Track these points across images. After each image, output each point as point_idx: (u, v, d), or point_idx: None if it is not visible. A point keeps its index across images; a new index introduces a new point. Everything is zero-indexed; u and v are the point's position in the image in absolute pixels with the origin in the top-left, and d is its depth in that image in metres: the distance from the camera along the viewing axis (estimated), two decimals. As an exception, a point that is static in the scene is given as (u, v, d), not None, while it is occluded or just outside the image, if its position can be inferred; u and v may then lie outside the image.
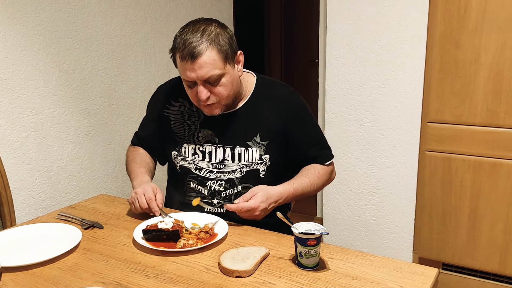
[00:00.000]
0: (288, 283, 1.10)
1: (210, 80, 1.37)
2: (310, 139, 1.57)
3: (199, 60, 1.33)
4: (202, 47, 1.33)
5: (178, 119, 1.57)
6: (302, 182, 1.50)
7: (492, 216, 2.30)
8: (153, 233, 1.29)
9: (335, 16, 2.50)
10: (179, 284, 1.10)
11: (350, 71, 2.52)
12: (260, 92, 1.54)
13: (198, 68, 1.34)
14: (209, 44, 1.34)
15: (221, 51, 1.36)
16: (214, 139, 1.52)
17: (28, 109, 1.95)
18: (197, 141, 1.54)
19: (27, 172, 1.97)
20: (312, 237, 1.14)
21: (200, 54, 1.33)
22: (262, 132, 1.50)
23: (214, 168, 1.52)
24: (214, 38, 1.35)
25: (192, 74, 1.36)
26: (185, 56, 1.34)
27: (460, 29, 2.22)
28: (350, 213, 2.69)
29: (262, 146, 1.50)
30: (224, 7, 3.15)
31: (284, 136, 1.52)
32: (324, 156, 1.58)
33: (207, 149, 1.52)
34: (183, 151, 1.55)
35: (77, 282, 1.12)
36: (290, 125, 1.52)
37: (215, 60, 1.35)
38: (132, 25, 2.41)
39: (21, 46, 1.90)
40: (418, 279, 1.10)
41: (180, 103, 1.58)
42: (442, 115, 2.34)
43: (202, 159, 1.53)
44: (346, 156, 2.62)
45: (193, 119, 1.55)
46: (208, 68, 1.35)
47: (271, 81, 1.60)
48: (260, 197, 1.37)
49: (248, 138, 1.50)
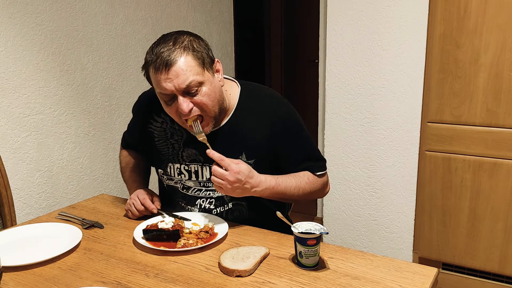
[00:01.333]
0: (288, 283, 1.10)
1: (189, 89, 1.26)
2: (300, 155, 1.45)
3: (174, 68, 1.23)
4: (175, 53, 1.24)
5: (162, 137, 1.48)
6: (287, 181, 1.39)
7: (492, 216, 2.31)
8: (153, 232, 1.30)
9: (335, 16, 2.50)
10: (179, 284, 1.10)
11: (350, 71, 2.52)
12: (244, 105, 1.42)
13: (175, 76, 1.23)
14: (183, 50, 1.25)
15: (197, 57, 1.27)
16: (199, 158, 1.43)
17: (29, 109, 1.96)
18: (182, 161, 1.44)
19: (27, 172, 1.98)
20: (312, 237, 1.14)
21: (175, 61, 1.23)
22: (247, 151, 1.40)
23: (202, 187, 1.44)
24: (187, 45, 1.26)
25: (169, 84, 1.24)
26: (159, 66, 1.24)
27: (460, 29, 2.22)
28: (350, 213, 2.69)
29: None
30: (225, 8, 3.15)
31: (272, 150, 1.41)
32: (316, 167, 1.46)
33: (193, 168, 1.44)
34: (168, 170, 1.47)
35: (77, 281, 1.12)
36: (277, 140, 1.40)
37: (192, 66, 1.25)
38: (133, 25, 2.42)
39: (22, 46, 1.90)
40: (417, 278, 1.11)
41: (162, 119, 1.47)
42: (442, 115, 2.34)
43: (188, 179, 1.45)
44: (346, 156, 2.62)
45: (176, 137, 1.45)
46: (186, 75, 1.24)
47: (256, 91, 1.46)
48: (244, 169, 1.28)
49: (234, 157, 1.34)
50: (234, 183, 1.27)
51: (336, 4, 2.49)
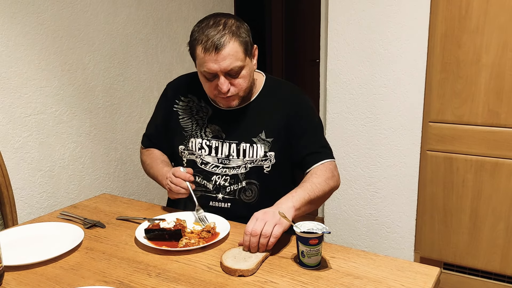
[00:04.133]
0: (290, 282, 1.10)
1: (231, 72, 1.38)
2: (311, 136, 1.53)
3: (222, 52, 1.34)
4: (225, 38, 1.34)
5: (187, 114, 1.58)
6: (301, 187, 1.39)
7: (494, 216, 2.30)
8: (155, 232, 1.30)
9: (337, 16, 2.50)
10: (181, 283, 1.10)
11: (351, 70, 2.52)
12: (268, 90, 1.56)
13: (222, 59, 1.35)
14: (231, 36, 1.35)
15: (243, 43, 1.38)
16: (221, 134, 1.53)
17: (30, 109, 1.96)
18: (204, 136, 1.54)
19: (29, 172, 1.98)
20: (314, 236, 1.14)
21: (224, 45, 1.34)
22: (267, 129, 1.51)
23: (219, 163, 1.52)
24: (236, 31, 1.37)
25: (215, 65, 1.36)
26: (209, 48, 1.34)
27: (461, 29, 2.22)
28: (352, 213, 2.69)
29: (267, 143, 1.50)
30: (226, 7, 3.16)
31: (287, 131, 1.51)
32: (324, 154, 1.52)
33: (214, 144, 1.53)
34: (190, 145, 1.56)
35: (79, 281, 1.12)
36: (292, 120, 1.51)
37: (238, 52, 1.37)
38: (134, 24, 2.41)
39: (23, 46, 1.90)
40: (420, 278, 1.10)
41: (189, 99, 1.59)
42: (444, 115, 2.34)
43: (208, 154, 1.53)
44: (348, 156, 2.62)
45: (201, 114, 1.56)
46: (231, 59, 1.36)
47: (280, 81, 1.63)
48: (253, 218, 1.25)
49: (254, 135, 1.51)
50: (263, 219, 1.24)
51: (337, 4, 2.49)
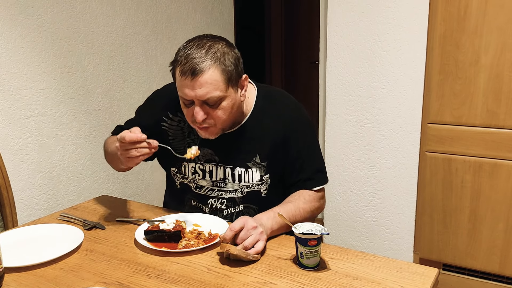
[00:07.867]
0: (290, 283, 1.10)
1: (209, 101, 1.27)
2: (306, 159, 1.45)
3: (200, 79, 1.23)
4: (205, 64, 1.23)
5: (178, 136, 1.48)
6: (284, 206, 1.36)
7: (493, 217, 2.31)
8: (155, 233, 1.30)
9: (336, 17, 2.51)
10: (180, 284, 1.11)
11: (350, 72, 2.52)
12: (260, 109, 1.44)
13: (198, 86, 1.24)
14: (213, 62, 1.24)
15: (225, 72, 1.26)
16: (214, 158, 1.45)
17: (30, 111, 1.96)
18: (197, 160, 1.46)
19: (28, 174, 1.98)
20: (313, 238, 1.14)
21: (202, 72, 1.23)
22: (261, 153, 1.42)
23: (215, 186, 1.46)
24: (219, 57, 1.25)
25: (191, 92, 1.25)
26: (186, 71, 1.24)
27: (460, 30, 2.22)
28: (351, 214, 2.69)
29: (262, 166, 1.42)
30: (225, 9, 3.16)
31: (283, 154, 1.43)
32: (317, 179, 1.45)
33: (208, 168, 1.45)
34: (183, 169, 1.49)
35: (79, 282, 1.12)
36: (289, 142, 1.42)
37: (217, 81, 1.25)
38: (133, 26, 2.42)
39: (23, 48, 1.91)
40: (418, 279, 1.11)
41: (179, 118, 1.47)
42: (443, 116, 2.34)
43: (202, 178, 1.46)
44: (347, 157, 2.62)
45: (193, 136, 1.46)
46: (209, 88, 1.25)
47: (273, 94, 1.49)
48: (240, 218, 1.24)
49: (248, 160, 1.42)
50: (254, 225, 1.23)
51: (337, 5, 2.49)
